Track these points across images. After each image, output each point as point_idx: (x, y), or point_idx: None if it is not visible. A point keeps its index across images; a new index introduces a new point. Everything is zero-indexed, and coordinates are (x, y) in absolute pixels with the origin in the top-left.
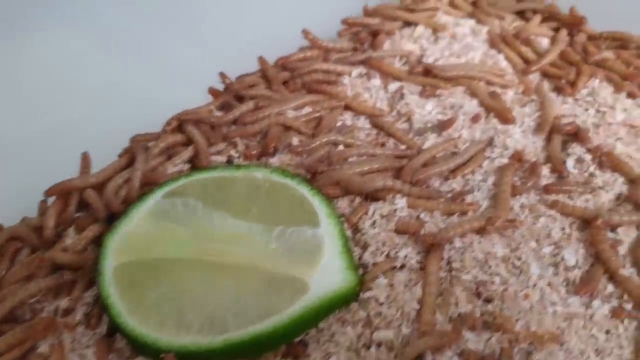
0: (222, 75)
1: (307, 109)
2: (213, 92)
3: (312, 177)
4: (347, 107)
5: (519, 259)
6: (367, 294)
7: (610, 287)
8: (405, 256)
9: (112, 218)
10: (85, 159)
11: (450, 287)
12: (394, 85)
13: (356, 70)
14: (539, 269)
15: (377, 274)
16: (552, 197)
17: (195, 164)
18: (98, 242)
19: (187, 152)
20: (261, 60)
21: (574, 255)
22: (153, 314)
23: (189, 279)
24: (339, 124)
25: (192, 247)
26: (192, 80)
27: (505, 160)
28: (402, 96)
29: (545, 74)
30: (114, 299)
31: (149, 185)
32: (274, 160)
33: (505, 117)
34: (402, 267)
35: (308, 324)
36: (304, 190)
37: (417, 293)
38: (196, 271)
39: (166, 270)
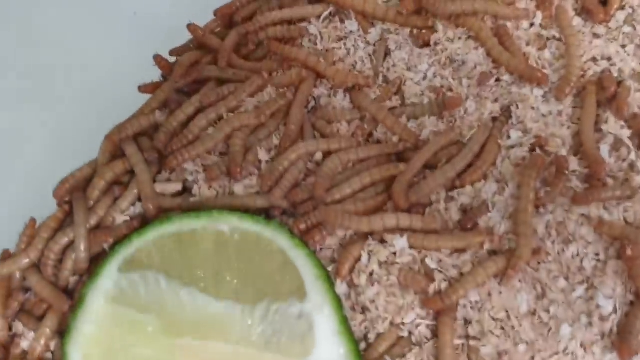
0: (157, 59)
1: (270, 91)
2: (146, 89)
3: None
4: (318, 75)
5: (547, 311)
6: None
7: None
8: (413, 321)
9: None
10: (30, 228)
11: None
12: (375, 32)
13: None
14: (570, 325)
15: (383, 355)
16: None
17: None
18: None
19: (132, 194)
20: (192, 28)
21: (610, 297)
22: None
23: None
24: (311, 104)
25: (164, 344)
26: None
27: (524, 152)
28: (387, 51)
29: None
30: None
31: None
32: (239, 189)
33: (532, 79)
34: (410, 334)
35: None
36: (283, 242)
37: None
38: None
39: None
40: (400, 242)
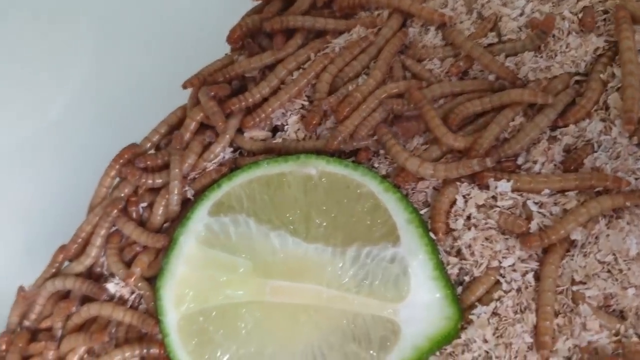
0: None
1: (359, 31)
2: (234, 36)
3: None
4: (404, 13)
5: None
6: (470, 332)
7: None
8: (513, 265)
9: None
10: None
11: (574, 305)
12: None
13: None
14: None
15: (479, 299)
16: None
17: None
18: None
19: (224, 138)
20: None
21: None
22: None
23: (262, 330)
24: None
25: (255, 284)
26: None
27: None
28: None
29: None
30: None
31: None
32: (324, 130)
33: None
34: (509, 278)
35: None
36: (373, 186)
37: (530, 321)
38: (267, 319)
39: (234, 319)
40: (503, 186)
